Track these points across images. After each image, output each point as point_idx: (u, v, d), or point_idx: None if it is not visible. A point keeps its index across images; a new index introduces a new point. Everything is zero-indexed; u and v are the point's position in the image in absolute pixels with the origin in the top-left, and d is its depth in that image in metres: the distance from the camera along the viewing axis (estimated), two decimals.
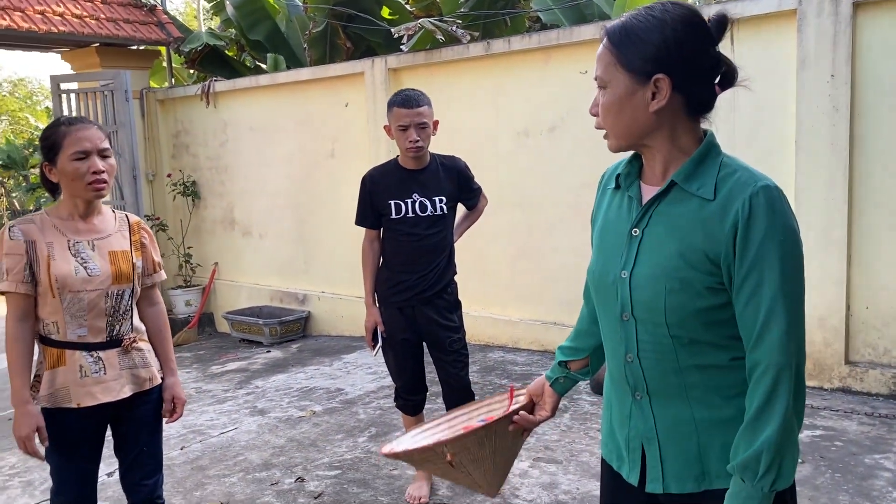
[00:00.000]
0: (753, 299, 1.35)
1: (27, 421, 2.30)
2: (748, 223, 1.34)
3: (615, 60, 1.42)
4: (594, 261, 1.59)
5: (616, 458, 1.61)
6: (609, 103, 1.44)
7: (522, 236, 5.74)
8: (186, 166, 8.19)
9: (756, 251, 1.34)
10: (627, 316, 1.48)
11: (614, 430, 1.61)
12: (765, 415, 1.34)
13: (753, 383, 1.37)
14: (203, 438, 4.41)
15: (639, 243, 1.47)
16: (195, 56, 8.34)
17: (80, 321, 2.35)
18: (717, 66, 1.43)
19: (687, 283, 1.39)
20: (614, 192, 1.58)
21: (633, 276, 1.46)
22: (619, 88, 1.42)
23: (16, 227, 2.35)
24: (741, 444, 1.37)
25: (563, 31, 5.42)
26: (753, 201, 1.34)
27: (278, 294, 7.52)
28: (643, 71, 1.39)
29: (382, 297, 3.40)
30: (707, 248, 1.38)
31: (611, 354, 1.58)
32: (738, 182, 1.38)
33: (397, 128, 3.25)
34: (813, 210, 4.38)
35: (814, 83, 4.32)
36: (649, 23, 1.39)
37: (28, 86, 27.55)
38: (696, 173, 1.42)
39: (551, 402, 1.75)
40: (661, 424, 1.49)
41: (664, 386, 1.47)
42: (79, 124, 2.36)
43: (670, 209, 1.44)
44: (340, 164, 6.80)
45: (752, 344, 1.36)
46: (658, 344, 1.45)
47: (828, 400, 4.32)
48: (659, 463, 1.50)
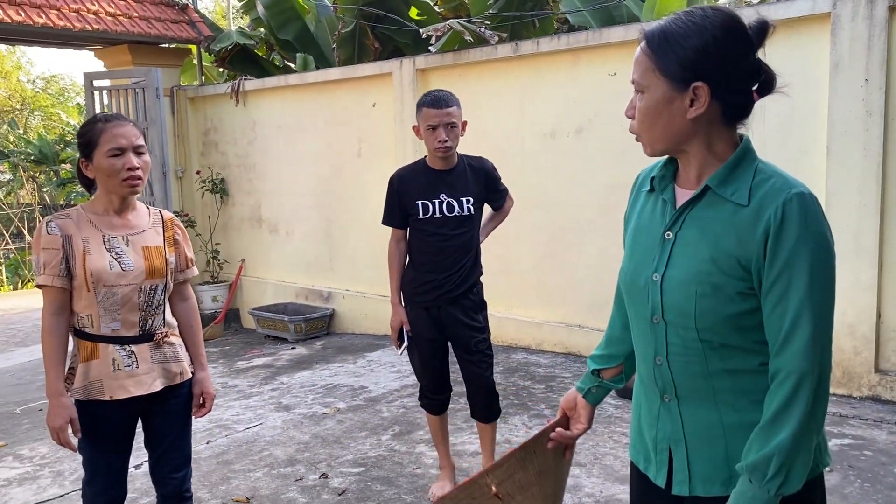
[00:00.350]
0: (780, 305, 1.35)
1: (61, 412, 2.35)
2: (780, 229, 1.34)
3: (653, 66, 1.41)
4: (626, 262, 1.59)
5: (643, 459, 1.61)
6: (646, 108, 1.44)
7: (548, 238, 5.73)
8: (215, 164, 8.27)
9: (786, 257, 1.34)
10: (658, 319, 1.48)
11: (643, 431, 1.61)
12: (781, 419, 1.34)
13: (774, 387, 1.37)
14: (229, 433, 4.46)
15: (671, 247, 1.47)
16: (225, 55, 8.43)
17: (113, 315, 2.39)
18: (756, 73, 1.42)
19: (718, 287, 1.39)
20: (648, 194, 1.58)
21: (664, 279, 1.46)
22: (656, 94, 1.41)
23: (53, 221, 2.39)
24: (754, 445, 1.37)
25: (593, 33, 5.40)
26: (787, 207, 1.34)
27: (304, 291, 7.57)
28: (682, 78, 1.39)
29: (408, 296, 3.42)
30: (739, 254, 1.38)
31: (641, 356, 1.58)
32: (773, 188, 1.37)
33: (426, 128, 3.26)
34: (844, 215, 4.33)
35: (847, 87, 4.27)
36: (689, 28, 1.38)
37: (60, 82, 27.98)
38: (731, 178, 1.42)
39: (586, 413, 1.73)
40: (689, 427, 1.50)
41: (693, 389, 1.48)
42: (115, 121, 2.40)
43: (704, 213, 1.44)
44: (367, 164, 6.83)
45: (776, 349, 1.36)
46: (687, 347, 1.45)
47: (857, 409, 4.27)
48: (686, 465, 1.50)
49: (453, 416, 4.25)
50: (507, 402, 4.64)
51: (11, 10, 6.73)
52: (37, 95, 25.58)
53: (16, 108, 23.98)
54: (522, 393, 4.85)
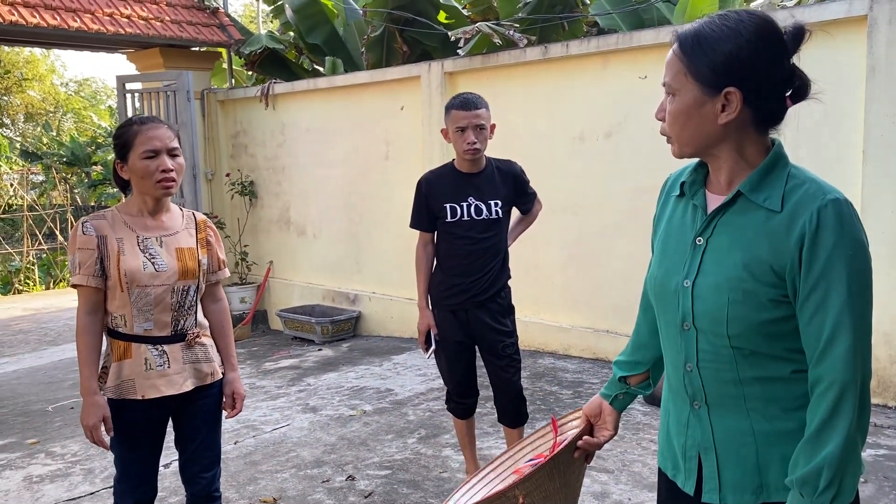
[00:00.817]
0: (819, 313, 1.32)
1: (94, 411, 2.38)
2: (815, 236, 1.31)
3: (685, 69, 1.39)
4: (655, 268, 1.57)
5: (672, 466, 1.60)
6: (677, 111, 1.42)
7: (576, 242, 5.69)
8: (244, 166, 8.35)
9: (823, 265, 1.31)
10: (688, 325, 1.47)
11: (671, 438, 1.59)
12: (827, 430, 1.31)
13: (816, 398, 1.34)
14: (256, 434, 4.49)
15: (703, 252, 1.45)
16: (255, 58, 8.50)
17: (146, 315, 2.42)
18: (790, 80, 1.40)
19: (750, 294, 1.37)
20: (678, 199, 1.56)
21: (695, 285, 1.44)
22: (687, 98, 1.40)
23: (88, 222, 2.43)
24: (801, 459, 1.34)
25: (623, 36, 5.37)
26: (822, 214, 1.32)
27: (330, 293, 7.61)
28: (714, 82, 1.37)
29: (436, 299, 3.41)
30: (772, 260, 1.35)
31: (670, 363, 1.57)
32: (807, 194, 1.35)
33: (455, 130, 3.26)
34: (880, 221, 4.25)
35: (883, 91, 4.19)
36: (723, 32, 1.36)
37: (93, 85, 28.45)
38: (763, 184, 1.40)
39: (612, 420, 1.72)
40: (719, 435, 1.48)
41: (723, 396, 1.46)
42: (150, 123, 2.43)
43: (735, 219, 1.42)
44: (395, 167, 6.85)
45: (816, 358, 1.34)
46: (718, 354, 1.43)
47: (892, 418, 4.18)
48: (716, 473, 1.48)
49: (480, 421, 4.24)
50: (534, 407, 4.61)
51: (47, 14, 6.86)
52: (70, 98, 26.04)
53: (49, 110, 24.42)
54: (549, 398, 4.83)
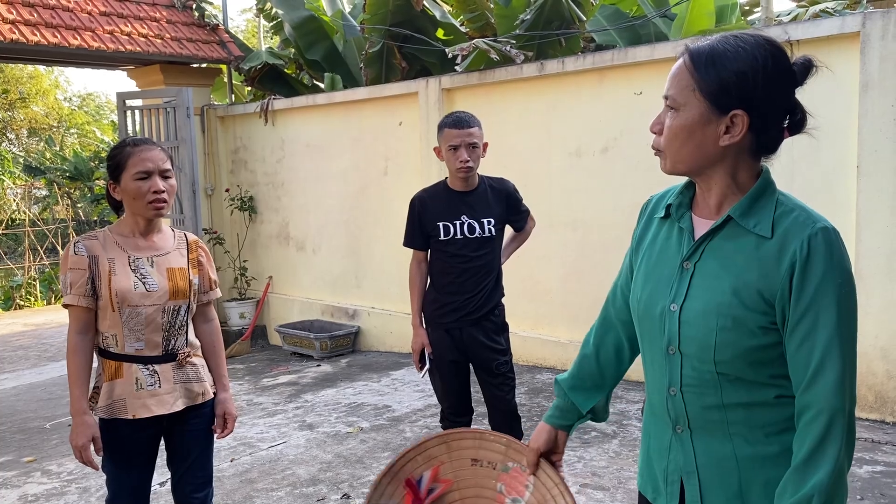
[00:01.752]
0: (808, 341, 1.32)
1: (84, 430, 2.38)
2: (806, 264, 1.32)
3: (694, 84, 1.36)
4: (639, 290, 1.54)
5: (652, 489, 1.59)
6: (678, 127, 1.39)
7: (573, 257, 5.70)
8: (244, 182, 8.38)
9: (813, 293, 1.31)
10: (674, 350, 1.46)
11: (652, 461, 1.58)
12: (816, 458, 1.31)
13: (805, 425, 1.34)
14: (253, 451, 4.48)
15: (690, 277, 1.44)
16: (255, 74, 8.55)
17: (137, 335, 2.43)
18: (793, 111, 1.39)
19: (739, 321, 1.36)
20: (662, 220, 1.55)
21: (683, 310, 1.43)
22: (692, 114, 1.37)
23: (80, 242, 2.44)
24: (789, 487, 1.33)
25: (618, 52, 5.40)
26: (812, 242, 1.32)
27: (329, 308, 7.61)
28: (723, 103, 1.34)
29: (430, 318, 3.42)
30: (762, 287, 1.35)
31: (653, 386, 1.55)
32: (797, 221, 1.35)
33: (448, 148, 3.27)
34: (875, 236, 4.25)
35: (877, 106, 4.20)
36: (738, 53, 1.34)
37: (96, 100, 28.59)
38: (753, 210, 1.39)
39: (564, 443, 1.73)
40: (702, 459, 1.47)
41: (706, 421, 1.45)
42: (143, 145, 2.45)
43: (725, 245, 1.41)
44: (393, 183, 6.87)
45: (804, 386, 1.33)
46: (703, 380, 1.43)
47: (889, 434, 4.17)
48: (699, 498, 1.47)
49: None
50: (531, 423, 4.59)
51: (48, 32, 6.90)
52: (73, 113, 26.16)
53: (52, 125, 24.53)
54: None
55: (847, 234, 4.23)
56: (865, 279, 4.26)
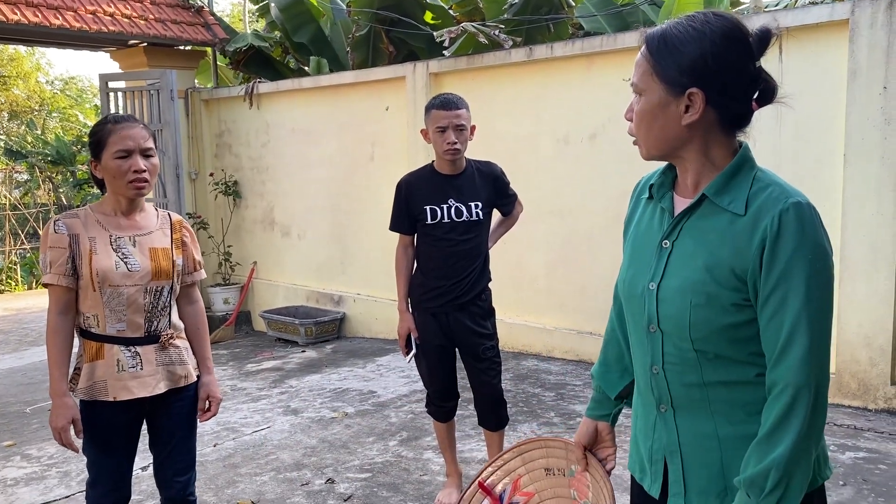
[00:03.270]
0: (777, 317, 1.33)
1: (63, 412, 2.34)
2: (776, 239, 1.32)
3: (651, 69, 1.40)
4: (625, 271, 1.57)
5: (639, 469, 1.60)
6: (642, 112, 1.43)
7: (560, 244, 5.69)
8: (228, 166, 8.30)
9: (783, 268, 1.32)
10: (654, 328, 1.47)
11: (638, 441, 1.60)
12: (778, 433, 1.32)
13: (771, 400, 1.35)
14: (236, 436, 4.44)
15: (668, 256, 1.45)
16: (240, 57, 8.45)
17: (119, 315, 2.39)
18: (755, 82, 1.40)
19: (713, 298, 1.37)
20: (647, 201, 1.57)
21: (660, 288, 1.45)
22: (653, 98, 1.41)
23: (60, 221, 2.39)
24: (751, 459, 1.35)
25: (607, 38, 5.37)
26: (783, 217, 1.32)
27: (315, 295, 7.57)
28: (678, 83, 1.37)
29: (416, 302, 3.39)
30: (734, 264, 1.36)
31: (638, 365, 1.56)
32: (770, 197, 1.36)
33: (435, 130, 3.24)
34: (861, 225, 4.26)
35: (865, 95, 4.20)
36: (688, 34, 1.37)
37: (78, 84, 28.22)
38: (728, 187, 1.40)
39: (612, 437, 1.73)
40: (685, 438, 1.48)
41: (688, 400, 1.46)
42: (124, 123, 2.40)
43: (700, 223, 1.43)
44: (380, 168, 6.82)
45: (773, 361, 1.35)
46: (683, 358, 1.44)
47: (872, 421, 4.20)
48: (681, 477, 1.48)
49: (461, 423, 4.22)
50: (517, 409, 4.60)
51: (28, 11, 6.78)
52: (55, 97, 25.80)
53: (34, 108, 24.20)
54: (532, 400, 4.81)
55: (833, 223, 4.25)
56: (850, 268, 4.28)
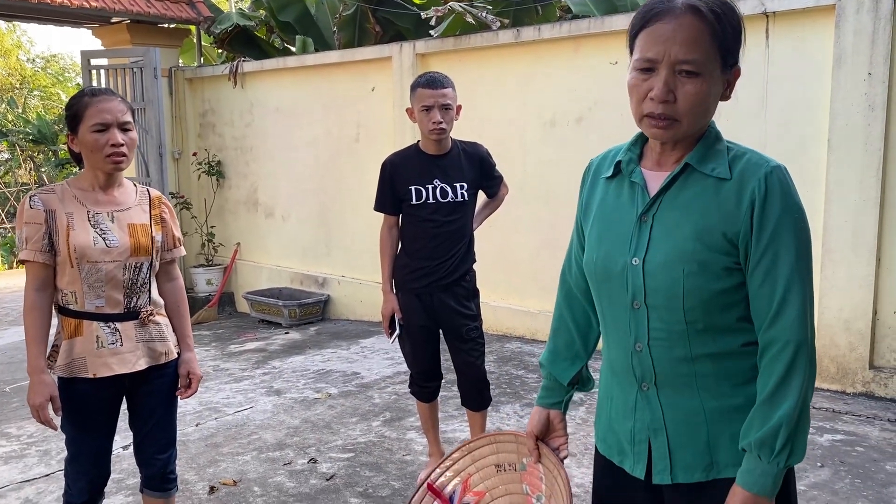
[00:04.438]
0: (769, 277, 1.36)
1: (41, 389, 2.31)
2: (765, 202, 1.36)
3: (717, 47, 1.36)
4: (593, 250, 1.53)
5: (617, 452, 1.57)
6: (703, 95, 1.37)
7: (546, 228, 5.69)
8: (212, 146, 8.22)
9: (773, 229, 1.35)
10: (639, 304, 1.46)
11: (615, 423, 1.57)
12: (783, 390, 1.34)
13: (770, 359, 1.36)
14: (218, 416, 4.43)
15: (650, 229, 1.45)
16: (225, 36, 8.35)
17: (97, 292, 2.36)
18: None
19: (705, 264, 1.39)
20: (608, 180, 1.56)
21: (646, 262, 1.44)
22: (714, 77, 1.38)
23: (36, 196, 2.35)
24: (756, 422, 1.36)
25: (594, 21, 5.35)
26: (769, 180, 1.36)
27: (298, 276, 7.54)
28: (731, 61, 1.40)
29: (400, 282, 3.38)
30: (725, 228, 1.38)
31: (615, 344, 1.53)
32: (750, 162, 1.40)
33: (420, 108, 3.21)
34: (843, 210, 4.29)
35: (850, 81, 4.22)
36: (733, 12, 1.39)
37: (60, 62, 27.81)
38: (708, 156, 1.43)
39: (563, 425, 1.70)
40: (670, 415, 1.47)
41: (674, 375, 1.46)
42: (101, 96, 2.36)
43: (682, 193, 1.43)
44: (365, 149, 6.78)
45: (768, 321, 1.37)
46: (671, 332, 1.44)
47: (850, 404, 4.24)
48: (667, 454, 1.48)
49: (444, 404, 4.23)
50: (500, 390, 4.61)
51: None
52: (36, 75, 25.43)
53: (15, 86, 23.85)
54: (515, 382, 4.83)
55: (816, 208, 4.28)
56: (832, 252, 4.31)
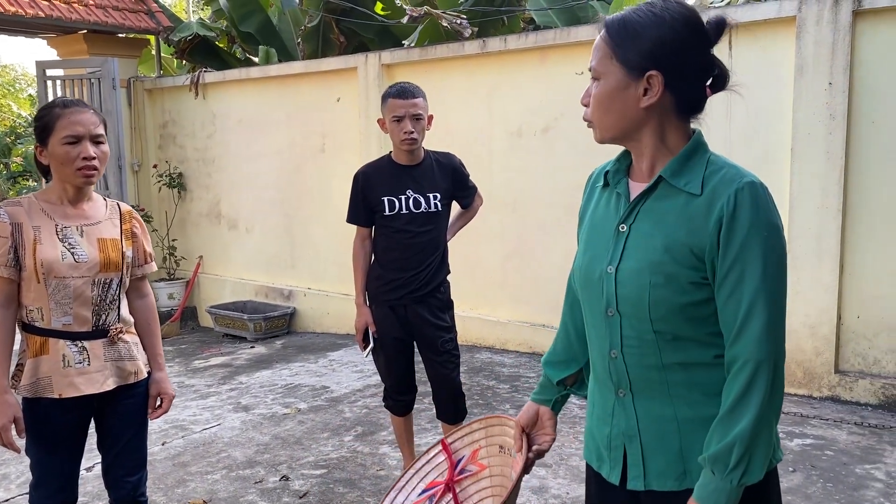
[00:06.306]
0: (735, 294, 1.36)
1: (4, 410, 2.22)
2: (732, 218, 1.36)
3: (611, 53, 1.43)
4: (580, 257, 1.58)
5: (596, 457, 1.60)
6: (601, 95, 1.45)
7: (514, 237, 5.69)
8: (173, 157, 8.08)
9: (739, 246, 1.35)
10: (612, 311, 1.48)
11: (594, 429, 1.60)
12: (739, 408, 1.35)
13: (731, 377, 1.37)
14: (185, 434, 4.32)
15: (626, 239, 1.47)
16: (185, 46, 8.23)
17: (65, 309, 2.28)
18: (710, 68, 1.46)
19: (671, 277, 1.40)
20: (602, 189, 1.59)
21: (618, 270, 1.46)
22: (612, 81, 1.43)
23: (2, 209, 2.27)
24: (714, 436, 1.37)
25: (560, 32, 5.39)
26: (738, 196, 1.36)
27: (263, 289, 7.43)
28: (638, 66, 1.41)
29: (374, 295, 3.33)
30: (692, 243, 1.39)
31: (595, 351, 1.57)
32: (724, 178, 1.40)
33: (392, 119, 3.19)
34: (806, 217, 4.37)
35: (811, 91, 4.31)
36: (648, 18, 1.41)
37: (11, 73, 27.15)
38: (684, 170, 1.44)
39: (552, 423, 1.71)
40: (644, 422, 1.49)
41: (647, 383, 1.47)
42: (73, 107, 2.29)
43: (657, 205, 1.45)
44: (331, 160, 6.72)
45: (732, 337, 1.37)
46: (642, 340, 1.45)
47: (817, 409, 4.31)
48: (641, 461, 1.49)
49: (417, 417, 4.18)
50: (472, 401, 4.58)
51: None
52: None
53: None
54: (487, 393, 4.80)
55: (780, 215, 4.34)
56: (796, 259, 4.38)
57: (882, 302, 4.29)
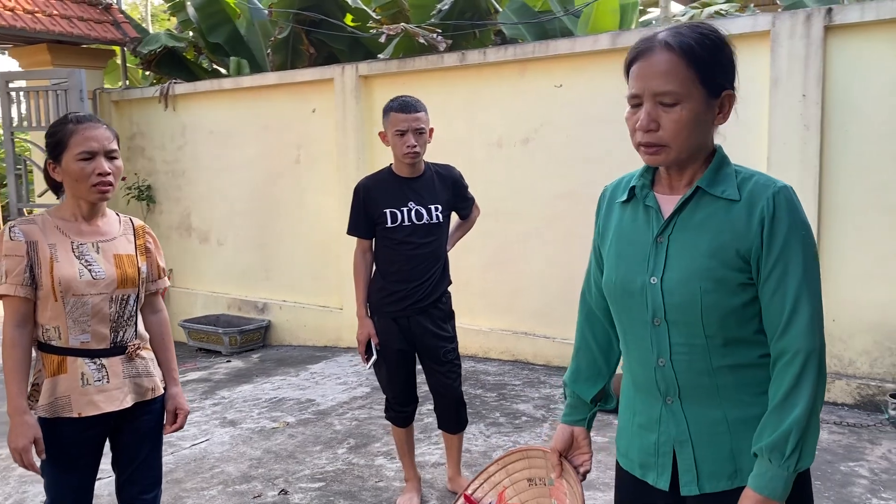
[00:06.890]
0: (780, 289, 1.44)
1: (24, 431, 2.17)
2: (773, 219, 1.45)
3: (693, 76, 1.46)
4: (612, 272, 1.62)
5: (639, 466, 1.63)
6: (686, 120, 1.48)
7: (495, 246, 5.74)
8: (141, 170, 7.95)
9: (782, 245, 1.44)
10: (659, 321, 1.52)
11: (636, 437, 1.63)
12: (793, 397, 1.42)
13: (781, 368, 1.44)
14: (174, 450, 4.25)
15: (666, 250, 1.52)
16: (151, 57, 8.11)
17: (83, 326, 2.24)
18: None
19: (721, 281, 1.46)
20: (624, 204, 1.64)
21: (663, 280, 1.51)
22: (696, 104, 1.48)
23: (17, 227, 2.23)
24: (767, 428, 1.44)
25: (539, 45, 5.47)
26: (776, 199, 1.46)
27: (236, 302, 7.35)
28: (718, 87, 1.49)
29: (376, 306, 3.34)
30: (738, 245, 1.46)
31: (638, 361, 1.60)
32: (758, 183, 1.49)
33: (394, 133, 3.22)
34: None
35: (786, 102, 4.46)
36: (713, 41, 1.49)
37: None
38: (718, 179, 1.52)
39: (587, 442, 1.77)
40: (695, 427, 1.53)
41: (697, 388, 1.52)
42: (87, 123, 2.26)
43: (696, 214, 1.52)
44: (307, 171, 6.69)
45: (780, 331, 1.45)
46: (691, 346, 1.50)
47: None
48: (693, 465, 1.53)
49: (419, 430, 4.18)
50: None
51: None
52: None
53: None
54: (475, 402, 4.84)
55: None
56: None
57: (856, 305, 4.45)
